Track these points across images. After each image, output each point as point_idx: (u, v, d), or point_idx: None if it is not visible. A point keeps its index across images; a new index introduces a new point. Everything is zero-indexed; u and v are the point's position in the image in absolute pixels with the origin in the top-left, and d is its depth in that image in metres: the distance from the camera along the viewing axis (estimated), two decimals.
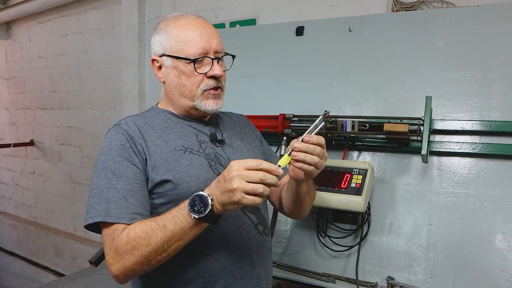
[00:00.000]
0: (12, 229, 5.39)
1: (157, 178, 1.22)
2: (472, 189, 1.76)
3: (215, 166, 1.30)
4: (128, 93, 3.72)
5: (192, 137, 1.33)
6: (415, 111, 1.85)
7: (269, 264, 1.42)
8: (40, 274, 4.96)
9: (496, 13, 1.81)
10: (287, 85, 2.22)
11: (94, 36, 4.16)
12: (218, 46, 1.30)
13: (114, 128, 1.29)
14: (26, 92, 5.06)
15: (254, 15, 3.00)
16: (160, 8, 3.57)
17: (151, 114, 1.38)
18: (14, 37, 5.13)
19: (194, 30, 1.27)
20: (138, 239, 1.09)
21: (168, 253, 1.11)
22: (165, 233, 1.08)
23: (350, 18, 2.16)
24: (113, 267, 1.12)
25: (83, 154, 4.43)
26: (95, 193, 1.18)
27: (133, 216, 1.14)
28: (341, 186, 1.78)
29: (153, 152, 1.24)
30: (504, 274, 1.66)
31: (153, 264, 1.12)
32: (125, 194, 1.16)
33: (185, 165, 1.25)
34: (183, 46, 1.26)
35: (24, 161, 5.18)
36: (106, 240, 1.15)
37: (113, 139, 1.25)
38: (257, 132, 1.60)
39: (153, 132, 1.30)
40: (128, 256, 1.10)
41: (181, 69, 1.28)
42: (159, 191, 1.23)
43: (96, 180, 1.20)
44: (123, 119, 1.33)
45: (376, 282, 1.84)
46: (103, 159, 1.22)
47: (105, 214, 1.13)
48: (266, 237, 1.39)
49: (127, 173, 1.19)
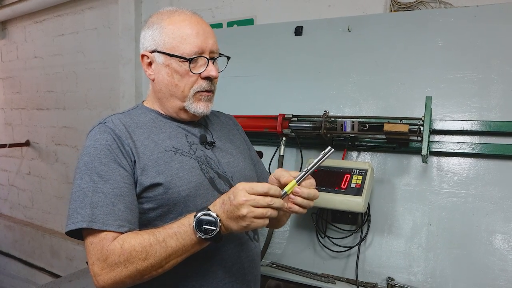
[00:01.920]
0: (7, 230, 5.34)
1: (147, 182, 1.14)
2: (472, 189, 1.76)
3: (206, 170, 1.24)
4: (125, 93, 3.70)
5: (182, 138, 1.27)
6: (414, 111, 1.85)
7: (258, 270, 1.40)
8: (36, 275, 4.92)
9: (496, 13, 1.81)
10: (286, 85, 2.21)
11: (91, 36, 4.13)
12: (214, 46, 1.24)
13: (99, 127, 1.20)
14: (22, 92, 5.02)
15: (252, 15, 2.99)
16: (157, 8, 3.48)
17: (137, 112, 1.30)
18: (10, 36, 5.08)
19: (190, 27, 1.21)
20: (134, 253, 1.03)
21: (164, 269, 1.07)
22: (165, 249, 1.04)
23: (350, 18, 2.15)
24: (100, 277, 1.04)
25: (79, 154, 4.39)
26: (78, 197, 1.09)
27: (122, 224, 1.07)
28: (341, 186, 1.77)
29: (142, 154, 1.17)
30: (504, 274, 1.65)
31: (146, 279, 1.07)
32: (113, 199, 1.08)
33: (176, 168, 1.18)
34: (178, 43, 1.20)
35: (19, 162, 5.14)
36: (91, 249, 1.06)
37: (98, 139, 1.16)
38: (244, 134, 1.55)
39: (141, 131, 1.22)
40: (120, 269, 1.03)
41: (174, 68, 1.21)
42: (148, 195, 1.16)
43: (79, 183, 1.11)
44: (108, 117, 1.24)
45: (376, 282, 1.84)
46: (87, 159, 1.13)
47: (90, 220, 1.05)
48: (256, 242, 1.36)
49: (115, 176, 1.11)
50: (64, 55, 4.43)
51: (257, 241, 1.38)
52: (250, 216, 1.00)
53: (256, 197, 1.01)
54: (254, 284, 1.36)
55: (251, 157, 1.51)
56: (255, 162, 1.52)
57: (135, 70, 3.61)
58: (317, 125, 1.93)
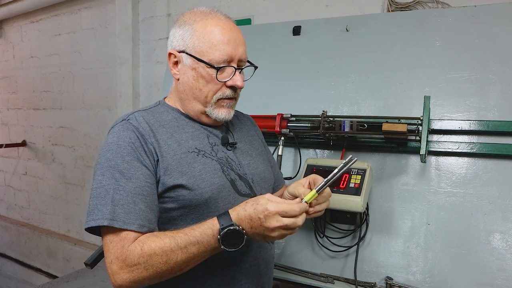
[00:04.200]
0: (4, 231, 5.33)
1: (170, 182, 1.14)
2: (470, 188, 1.76)
3: (227, 172, 1.24)
4: (122, 93, 3.69)
5: (204, 138, 1.26)
6: (412, 111, 1.85)
7: (271, 272, 1.40)
8: (33, 276, 4.91)
9: (494, 13, 1.81)
10: (284, 85, 2.21)
11: (88, 35, 4.13)
12: (243, 55, 1.24)
13: (122, 123, 1.18)
14: (18, 92, 5.01)
15: (249, 15, 2.99)
16: (154, 8, 3.56)
17: (160, 110, 1.28)
18: (6, 36, 5.07)
19: (222, 34, 1.19)
20: (154, 256, 1.03)
21: (183, 272, 1.08)
22: (187, 255, 1.05)
23: (348, 17, 2.15)
24: (118, 276, 1.04)
25: (76, 154, 4.39)
26: (99, 193, 1.08)
27: (143, 223, 1.07)
28: (340, 186, 1.77)
29: (166, 153, 1.16)
30: (502, 273, 1.66)
31: (164, 279, 1.08)
32: (134, 198, 1.08)
33: (199, 170, 1.18)
34: (207, 48, 1.18)
35: (16, 162, 5.13)
36: (111, 247, 1.06)
37: (122, 136, 1.14)
38: (261, 136, 1.56)
39: (165, 130, 1.21)
40: (140, 270, 1.03)
41: (200, 73, 1.20)
42: (171, 195, 1.15)
43: (101, 179, 1.10)
44: (131, 113, 1.22)
45: (374, 282, 1.83)
46: (109, 156, 1.12)
47: (111, 218, 1.05)
48: (272, 244, 1.37)
49: (137, 175, 1.10)
50: (60, 55, 4.42)
51: (272, 243, 1.39)
52: (277, 236, 1.05)
53: (288, 223, 1.03)
54: (268, 286, 1.36)
55: (269, 159, 1.51)
56: (272, 164, 1.52)
57: (132, 70, 3.61)
58: (315, 125, 1.93)
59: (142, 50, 3.64)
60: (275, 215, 1.02)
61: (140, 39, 3.64)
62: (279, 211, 1.02)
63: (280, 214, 1.03)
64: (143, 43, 3.64)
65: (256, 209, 1.04)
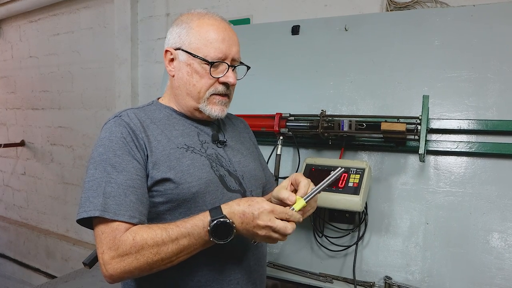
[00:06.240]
0: (2, 231, 5.32)
1: (158, 176, 1.17)
2: (469, 188, 1.77)
3: (216, 168, 1.27)
4: (121, 93, 3.69)
5: (194, 136, 1.30)
6: (411, 110, 1.85)
7: (264, 270, 1.41)
8: (32, 276, 4.90)
9: (492, 13, 1.82)
10: (283, 84, 2.21)
11: (86, 35, 4.12)
12: (236, 54, 1.28)
13: (114, 120, 1.22)
14: (17, 92, 5.00)
15: (248, 15, 2.99)
16: (153, 7, 3.55)
17: (152, 108, 1.33)
18: (4, 36, 5.06)
19: (217, 33, 1.24)
20: (145, 246, 1.05)
21: (173, 263, 1.10)
22: (177, 247, 1.07)
23: (347, 17, 2.15)
24: (110, 266, 1.06)
25: (75, 154, 4.38)
26: (91, 186, 1.11)
27: (133, 214, 1.09)
28: (339, 185, 1.77)
29: (155, 148, 1.20)
30: (500, 272, 1.66)
31: (154, 271, 1.09)
32: (125, 190, 1.11)
33: (187, 164, 1.21)
34: (203, 45, 1.23)
35: (14, 162, 5.12)
36: (103, 238, 1.08)
37: (114, 131, 1.18)
38: (254, 139, 1.59)
39: (155, 127, 1.25)
40: (131, 260, 1.05)
41: (195, 68, 1.25)
42: (159, 189, 1.18)
43: (93, 172, 1.13)
44: (124, 110, 1.27)
45: (373, 281, 1.84)
46: (101, 150, 1.15)
47: (102, 209, 1.07)
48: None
49: (128, 168, 1.13)
50: (59, 54, 4.41)
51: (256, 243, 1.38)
52: (264, 236, 1.08)
53: (279, 225, 1.07)
54: (260, 283, 1.37)
55: (260, 160, 1.54)
56: (263, 166, 1.54)
57: (131, 69, 3.60)
58: (314, 124, 1.93)
59: (141, 50, 3.64)
60: (270, 213, 1.06)
61: (139, 39, 3.64)
62: (274, 210, 1.07)
63: (275, 213, 1.07)
64: (142, 43, 3.64)
65: (250, 205, 1.08)
